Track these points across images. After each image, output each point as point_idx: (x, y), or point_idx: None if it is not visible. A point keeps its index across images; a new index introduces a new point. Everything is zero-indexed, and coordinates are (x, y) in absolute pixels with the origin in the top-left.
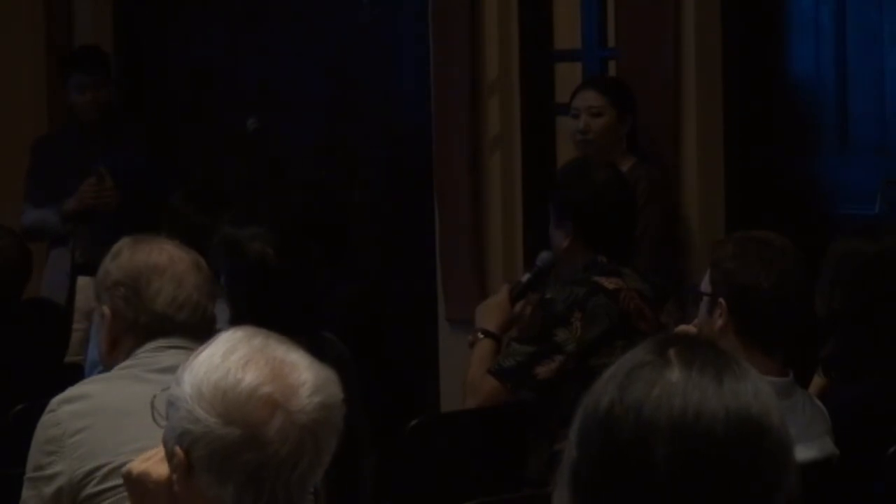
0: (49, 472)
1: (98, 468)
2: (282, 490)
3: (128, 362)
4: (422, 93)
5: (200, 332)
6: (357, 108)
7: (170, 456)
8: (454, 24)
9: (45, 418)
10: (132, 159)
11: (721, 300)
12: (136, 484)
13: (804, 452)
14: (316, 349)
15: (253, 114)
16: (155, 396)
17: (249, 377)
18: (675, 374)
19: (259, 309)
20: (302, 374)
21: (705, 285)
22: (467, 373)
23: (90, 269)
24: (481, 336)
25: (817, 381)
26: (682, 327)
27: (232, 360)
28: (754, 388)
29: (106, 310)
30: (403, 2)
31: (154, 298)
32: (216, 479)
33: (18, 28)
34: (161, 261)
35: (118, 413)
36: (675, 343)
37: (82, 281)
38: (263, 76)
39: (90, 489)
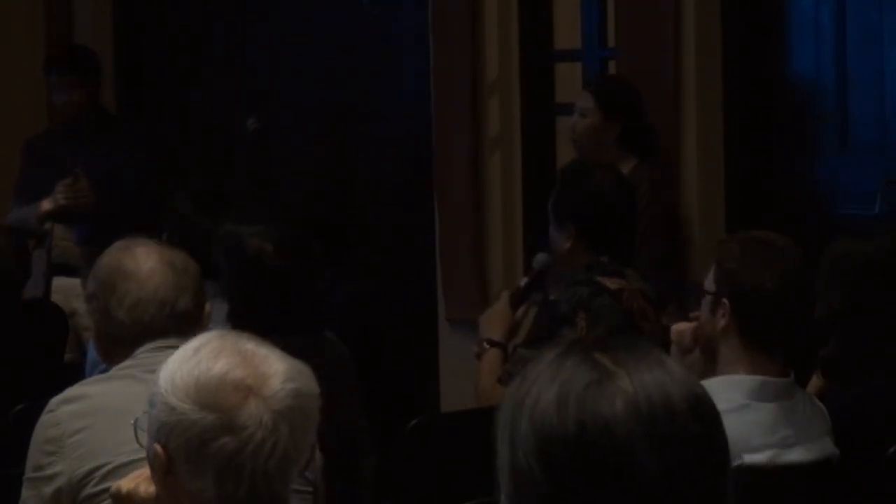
0: (49, 472)
1: (98, 468)
2: (261, 479)
3: (127, 362)
4: (422, 93)
5: (183, 327)
6: (357, 109)
7: (151, 460)
8: (454, 24)
9: (45, 418)
10: (113, 160)
11: (724, 300)
12: (125, 502)
13: (804, 453)
14: (316, 349)
15: (253, 114)
16: (137, 419)
17: (220, 364)
18: (625, 381)
19: (256, 306)
20: (273, 365)
21: (709, 284)
22: (477, 384)
23: (67, 269)
24: (487, 346)
25: (815, 381)
26: (680, 325)
27: (203, 353)
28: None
29: (92, 322)
30: (403, 2)
31: (118, 307)
32: (194, 469)
33: (18, 28)
34: (128, 264)
35: (118, 413)
36: (595, 348)
37: (59, 282)
38: (263, 76)
39: (90, 489)
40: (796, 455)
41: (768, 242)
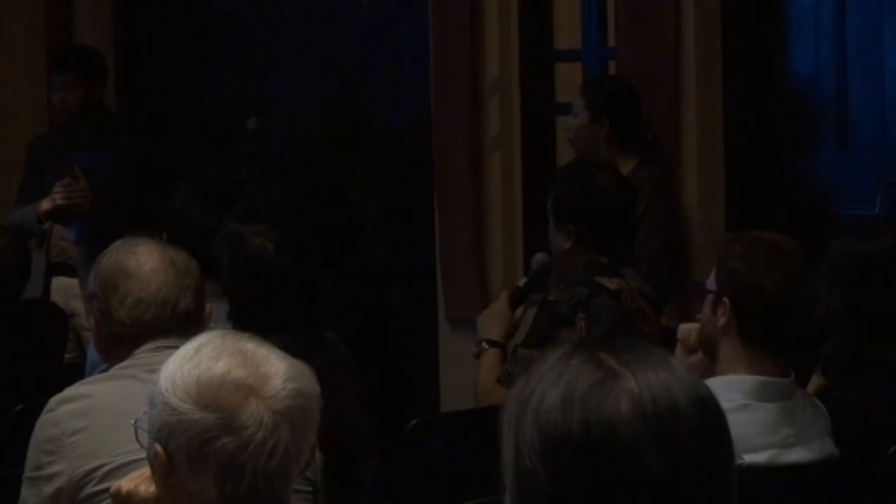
0: (48, 471)
1: (97, 468)
2: (262, 479)
3: (127, 362)
4: (422, 93)
5: (185, 327)
6: (357, 109)
7: (151, 460)
8: (454, 24)
9: (44, 418)
10: (113, 159)
11: (725, 299)
12: (125, 502)
13: (804, 453)
14: (317, 349)
15: (253, 114)
16: (137, 419)
17: (222, 364)
18: (630, 381)
19: (257, 306)
20: (274, 364)
21: (711, 283)
22: (477, 384)
23: (66, 269)
24: (486, 346)
25: (815, 381)
26: (686, 324)
27: (204, 353)
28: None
29: (92, 321)
30: (403, 2)
31: (119, 306)
32: (195, 469)
33: (18, 28)
34: (129, 264)
35: (117, 413)
36: (600, 348)
37: (58, 282)
38: (263, 76)
39: (89, 489)
40: (796, 455)
41: (772, 244)
